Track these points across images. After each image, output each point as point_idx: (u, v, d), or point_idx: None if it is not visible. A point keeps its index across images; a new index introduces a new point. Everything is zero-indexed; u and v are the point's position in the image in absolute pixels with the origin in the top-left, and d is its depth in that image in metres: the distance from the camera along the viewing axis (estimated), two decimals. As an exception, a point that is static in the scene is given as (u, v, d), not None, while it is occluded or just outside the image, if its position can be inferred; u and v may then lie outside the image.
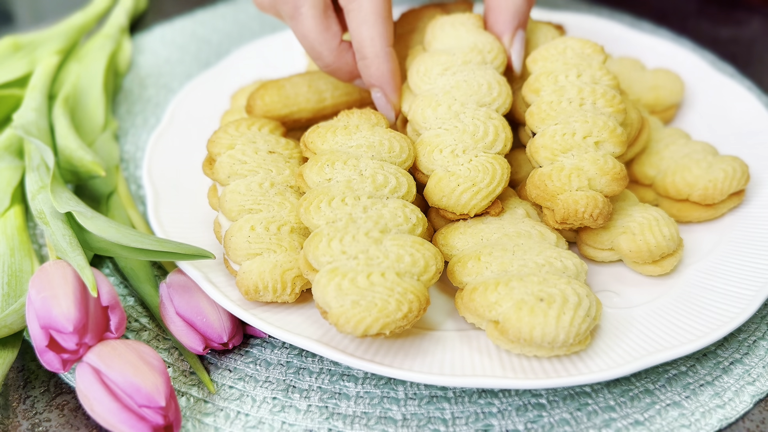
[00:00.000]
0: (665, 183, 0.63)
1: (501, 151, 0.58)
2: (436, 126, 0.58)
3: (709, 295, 0.56)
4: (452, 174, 0.56)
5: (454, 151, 0.57)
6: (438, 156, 0.57)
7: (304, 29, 0.62)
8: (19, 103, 0.77)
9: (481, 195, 0.56)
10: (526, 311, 0.49)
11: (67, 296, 0.50)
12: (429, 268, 0.51)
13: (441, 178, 0.56)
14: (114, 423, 0.48)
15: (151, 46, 0.94)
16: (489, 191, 0.56)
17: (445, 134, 0.58)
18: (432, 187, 0.57)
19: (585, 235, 0.60)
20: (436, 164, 0.57)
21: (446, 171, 0.56)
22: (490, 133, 0.57)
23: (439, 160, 0.57)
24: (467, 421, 0.52)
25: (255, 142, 0.61)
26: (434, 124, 0.58)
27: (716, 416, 0.51)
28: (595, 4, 0.99)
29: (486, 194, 0.56)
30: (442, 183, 0.56)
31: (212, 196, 0.62)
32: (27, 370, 0.56)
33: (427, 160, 0.57)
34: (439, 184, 0.56)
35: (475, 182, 0.56)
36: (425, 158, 0.58)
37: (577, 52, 0.62)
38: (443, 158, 0.57)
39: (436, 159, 0.57)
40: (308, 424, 0.52)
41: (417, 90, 0.61)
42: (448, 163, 0.57)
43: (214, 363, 0.56)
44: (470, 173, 0.56)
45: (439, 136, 0.58)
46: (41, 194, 0.62)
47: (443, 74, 0.61)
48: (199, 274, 0.56)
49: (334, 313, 0.48)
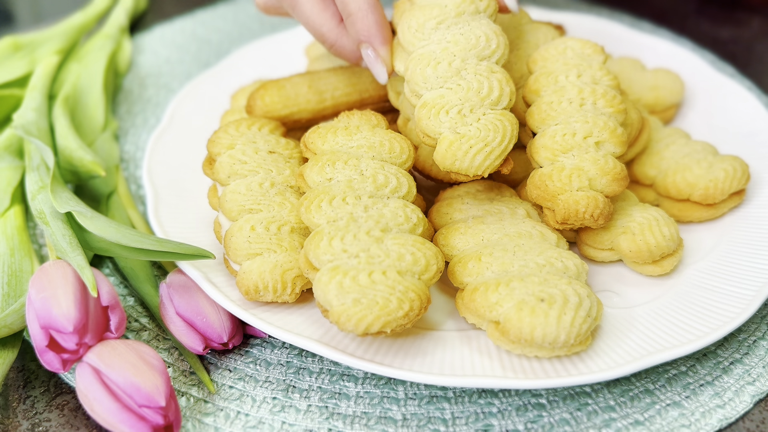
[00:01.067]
0: (666, 183, 0.63)
1: (507, 107, 0.56)
2: (438, 85, 0.56)
3: (709, 295, 0.56)
4: (463, 136, 0.54)
5: (461, 111, 0.55)
6: (445, 118, 0.55)
7: (304, 14, 0.63)
8: (19, 103, 0.77)
9: (495, 155, 0.54)
10: (527, 312, 0.49)
11: (67, 296, 0.50)
12: (430, 267, 0.51)
13: (452, 141, 0.54)
14: (114, 423, 0.48)
15: (151, 46, 0.94)
16: (502, 150, 0.54)
17: (449, 93, 0.55)
18: (444, 152, 0.54)
19: (585, 235, 0.60)
20: (443, 126, 0.55)
21: (456, 133, 0.54)
22: (495, 89, 0.55)
23: (447, 122, 0.54)
24: (467, 421, 0.52)
25: (255, 142, 0.61)
26: (436, 84, 0.56)
27: (716, 416, 0.51)
28: (595, 4, 0.99)
29: (499, 153, 0.54)
30: (454, 146, 0.54)
31: (212, 196, 0.62)
32: (27, 370, 0.56)
33: (433, 122, 0.55)
34: (450, 147, 0.54)
35: (487, 142, 0.54)
36: (431, 120, 0.55)
37: (577, 52, 0.62)
38: (450, 119, 0.54)
39: (443, 121, 0.55)
40: (308, 424, 0.52)
41: (411, 47, 0.59)
42: (456, 124, 0.54)
43: (214, 363, 0.56)
44: (481, 133, 0.54)
45: (443, 96, 0.55)
46: (41, 194, 0.62)
47: (437, 28, 0.58)
48: (199, 274, 0.56)
49: (335, 311, 0.48)
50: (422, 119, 0.55)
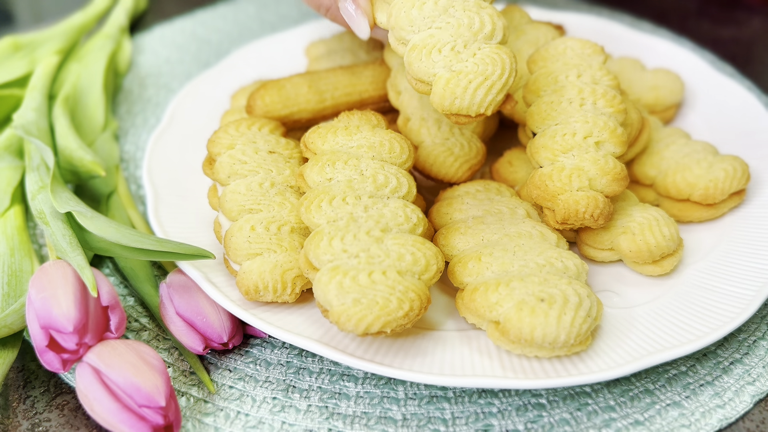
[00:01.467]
0: (666, 183, 0.63)
1: (501, 41, 0.54)
2: (426, 26, 0.53)
3: (709, 295, 0.56)
4: (460, 72, 0.51)
5: (454, 48, 0.52)
6: (438, 57, 0.52)
7: None
8: (19, 103, 0.77)
9: (496, 89, 0.52)
10: (527, 312, 0.49)
11: (67, 296, 0.50)
12: (430, 267, 0.51)
13: (449, 79, 0.52)
14: (114, 423, 0.48)
15: (151, 46, 0.94)
16: (503, 83, 0.52)
17: (439, 33, 0.53)
18: (441, 91, 0.52)
19: (585, 235, 0.60)
20: (437, 66, 0.52)
21: (452, 71, 0.52)
22: (486, 23, 0.53)
23: (441, 61, 0.52)
24: (467, 421, 0.52)
25: (255, 142, 0.61)
26: (423, 25, 0.53)
27: (716, 416, 0.51)
28: (595, 4, 0.99)
29: (500, 87, 0.52)
30: (451, 84, 0.51)
31: (212, 196, 0.62)
32: (27, 370, 0.56)
33: (426, 63, 0.52)
34: (448, 86, 0.51)
35: (486, 76, 0.51)
36: (423, 62, 0.52)
37: (577, 52, 0.62)
38: (444, 58, 0.52)
39: (436, 60, 0.52)
40: (308, 424, 0.52)
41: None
42: (450, 62, 0.52)
43: (214, 363, 0.56)
44: (479, 68, 0.52)
45: (433, 36, 0.53)
46: (41, 194, 0.62)
47: None
48: (199, 274, 0.56)
49: (335, 311, 0.48)
50: (413, 63, 0.53)
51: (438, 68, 0.52)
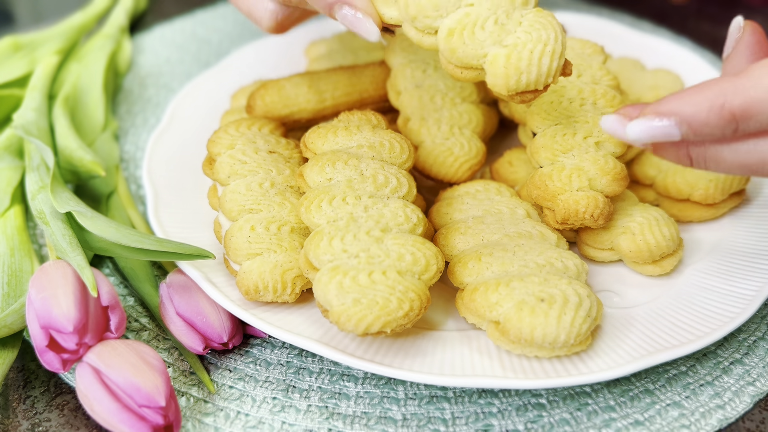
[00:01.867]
0: (666, 183, 0.63)
1: (536, 4, 0.49)
2: (454, 6, 0.48)
3: (709, 295, 0.56)
4: (516, 45, 0.47)
5: (498, 21, 0.47)
6: (483, 34, 0.47)
7: None
8: (19, 103, 0.77)
9: (557, 53, 0.48)
10: (527, 312, 0.49)
11: (67, 296, 0.50)
12: (430, 267, 0.51)
13: (508, 54, 0.47)
14: (114, 423, 0.48)
15: (151, 46, 0.94)
16: (561, 46, 0.48)
17: (474, 9, 0.47)
18: (503, 71, 0.47)
19: (585, 235, 0.60)
20: (486, 45, 0.47)
21: (505, 46, 0.47)
22: None
23: (488, 38, 0.47)
24: (467, 421, 0.52)
25: (255, 142, 0.61)
26: (450, 5, 0.48)
27: (716, 416, 0.51)
28: (595, 4, 0.99)
29: (560, 51, 0.48)
30: (513, 59, 0.47)
31: (212, 196, 0.62)
32: (27, 370, 0.56)
33: (471, 45, 0.47)
34: (509, 62, 0.47)
35: (545, 42, 0.47)
36: (468, 45, 0.47)
37: (577, 52, 0.62)
38: (490, 34, 0.47)
39: (482, 39, 0.47)
40: (308, 424, 0.52)
41: None
42: (498, 37, 0.47)
43: (214, 363, 0.56)
44: (533, 35, 0.47)
45: (469, 14, 0.47)
46: (41, 194, 0.62)
47: None
48: (199, 274, 0.56)
49: (335, 311, 0.48)
50: (457, 48, 0.47)
51: (488, 47, 0.47)
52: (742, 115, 0.42)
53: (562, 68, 0.49)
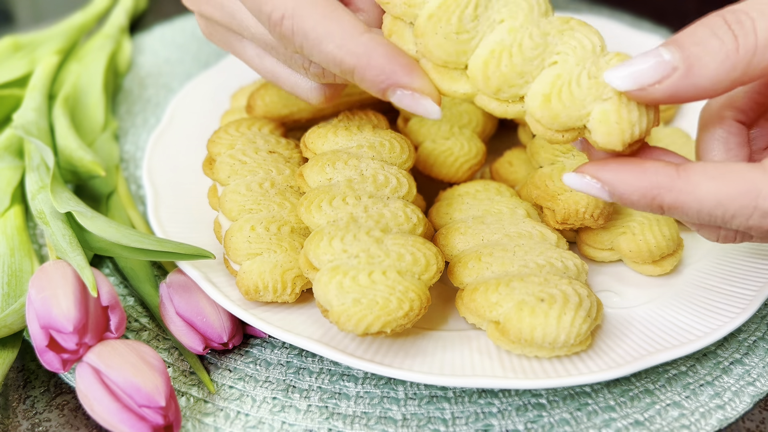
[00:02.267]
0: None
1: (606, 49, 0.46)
2: (538, 69, 0.44)
3: (709, 295, 0.56)
4: (620, 96, 0.43)
5: (590, 75, 0.44)
6: (581, 92, 0.44)
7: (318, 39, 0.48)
8: (19, 103, 0.77)
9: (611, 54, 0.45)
10: (527, 312, 0.49)
11: (67, 296, 0.50)
12: (430, 267, 0.51)
13: (618, 110, 0.44)
14: (114, 423, 0.48)
15: (151, 46, 0.94)
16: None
17: (561, 68, 0.44)
18: (614, 127, 0.44)
19: (585, 235, 0.60)
20: (587, 103, 0.44)
21: (606, 99, 0.44)
22: (596, 37, 0.46)
23: (588, 96, 0.44)
24: (467, 421, 0.52)
25: (255, 142, 0.61)
26: (535, 69, 0.44)
27: (716, 416, 0.51)
28: (595, 4, 0.99)
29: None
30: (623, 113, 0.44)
31: (212, 196, 0.62)
32: (27, 370, 0.56)
33: (572, 106, 0.44)
34: (620, 116, 0.43)
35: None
36: (569, 106, 0.44)
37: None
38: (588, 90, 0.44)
39: (582, 97, 0.44)
40: (308, 424, 0.52)
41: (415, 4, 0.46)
42: (597, 92, 0.44)
43: (214, 363, 0.56)
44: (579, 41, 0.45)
45: (560, 75, 0.44)
46: (41, 194, 0.62)
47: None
48: (199, 274, 0.56)
49: (335, 311, 0.48)
50: (559, 114, 0.44)
51: (590, 104, 0.44)
52: (669, 209, 0.44)
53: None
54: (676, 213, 0.44)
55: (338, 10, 0.46)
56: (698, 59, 0.42)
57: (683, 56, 0.42)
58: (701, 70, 0.42)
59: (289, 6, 0.47)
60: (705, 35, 0.42)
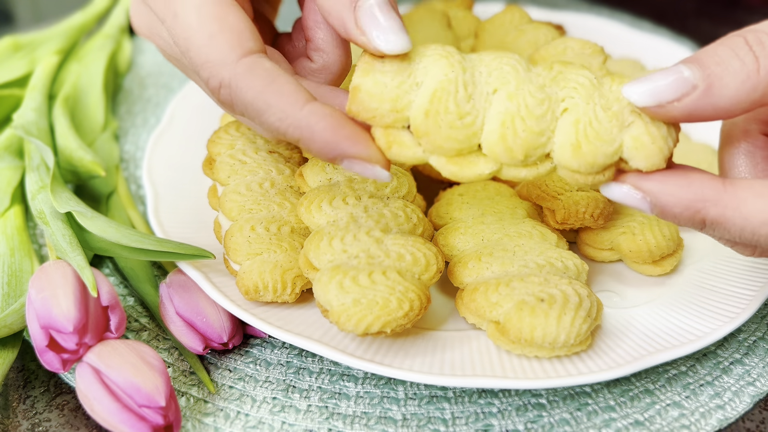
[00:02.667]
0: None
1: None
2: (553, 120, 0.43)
3: (709, 295, 0.56)
4: (641, 117, 0.43)
5: (604, 107, 0.43)
6: (603, 128, 0.43)
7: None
8: (19, 103, 0.77)
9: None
10: (527, 312, 0.49)
11: (67, 296, 0.50)
12: (430, 267, 0.51)
13: (649, 131, 0.42)
14: (114, 423, 0.48)
15: (151, 46, 0.94)
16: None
17: (576, 112, 0.43)
18: (651, 148, 0.42)
19: (585, 234, 0.60)
20: (614, 134, 0.43)
21: (630, 125, 0.43)
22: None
23: (613, 129, 0.43)
24: (467, 421, 0.52)
25: (255, 142, 0.61)
26: (550, 122, 0.43)
27: (716, 416, 0.51)
28: (595, 4, 0.99)
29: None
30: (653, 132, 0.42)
31: (212, 196, 0.62)
32: (27, 370, 0.56)
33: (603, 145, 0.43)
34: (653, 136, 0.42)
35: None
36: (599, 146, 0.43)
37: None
38: (611, 123, 0.43)
39: (607, 133, 0.43)
40: (308, 424, 0.52)
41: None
42: (619, 121, 0.43)
43: (214, 363, 0.56)
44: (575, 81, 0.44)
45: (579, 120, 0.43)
46: (41, 194, 0.62)
47: None
48: (199, 274, 0.56)
49: (335, 311, 0.48)
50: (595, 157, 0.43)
51: (617, 135, 0.43)
52: (711, 224, 0.43)
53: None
54: (719, 229, 0.43)
55: (278, 79, 0.44)
56: (719, 79, 0.41)
57: (704, 75, 0.41)
58: (722, 90, 0.41)
59: (225, 76, 0.44)
60: (726, 55, 0.41)
